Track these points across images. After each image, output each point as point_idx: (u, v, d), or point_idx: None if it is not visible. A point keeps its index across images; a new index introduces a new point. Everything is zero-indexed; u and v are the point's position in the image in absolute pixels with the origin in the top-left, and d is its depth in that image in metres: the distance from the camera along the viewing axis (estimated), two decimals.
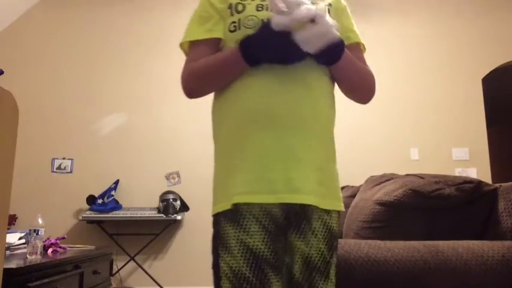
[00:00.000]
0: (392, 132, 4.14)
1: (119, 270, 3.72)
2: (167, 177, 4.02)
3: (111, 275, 3.22)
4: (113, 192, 3.82)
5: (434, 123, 4.19)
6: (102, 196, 3.77)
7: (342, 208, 1.08)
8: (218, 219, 1.02)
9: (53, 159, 3.98)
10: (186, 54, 1.18)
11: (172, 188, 3.94)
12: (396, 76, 4.22)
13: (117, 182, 3.91)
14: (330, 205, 1.04)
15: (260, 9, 1.07)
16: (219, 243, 1.01)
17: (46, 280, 1.94)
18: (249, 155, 0.99)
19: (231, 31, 1.08)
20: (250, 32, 1.03)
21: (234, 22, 1.07)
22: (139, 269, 3.74)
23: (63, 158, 3.99)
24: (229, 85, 1.06)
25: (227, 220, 0.99)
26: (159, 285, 3.66)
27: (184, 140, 4.08)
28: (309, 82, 1.04)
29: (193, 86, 1.12)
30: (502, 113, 5.70)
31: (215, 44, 1.12)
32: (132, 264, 3.74)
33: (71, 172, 3.98)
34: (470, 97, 4.24)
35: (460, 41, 4.35)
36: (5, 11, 4.04)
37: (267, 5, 1.08)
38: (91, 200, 3.74)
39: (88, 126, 4.07)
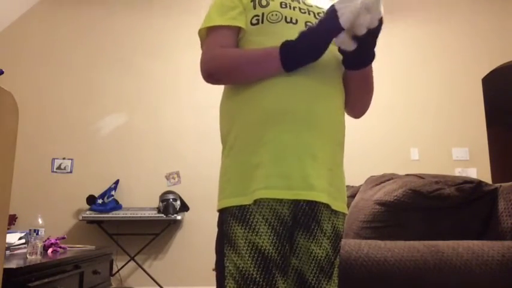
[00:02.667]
0: (392, 132, 4.14)
1: (119, 270, 3.72)
2: (167, 177, 4.02)
3: (111, 275, 3.22)
4: (113, 192, 3.82)
5: (434, 123, 4.18)
6: (102, 196, 3.77)
7: (347, 211, 1.10)
8: (225, 217, 1.01)
9: (53, 159, 3.98)
10: (203, 41, 1.15)
11: (172, 188, 3.94)
12: (396, 76, 4.22)
13: (117, 182, 3.91)
14: (340, 207, 1.06)
15: (284, 6, 1.08)
16: (225, 242, 0.99)
17: (46, 280, 1.94)
18: (267, 151, 0.99)
19: (253, 24, 1.08)
20: (273, 27, 1.05)
21: (257, 15, 1.08)
22: (139, 269, 3.74)
23: (63, 158, 3.99)
24: (248, 84, 1.06)
25: (235, 219, 0.98)
26: (159, 285, 3.66)
27: (184, 140, 4.08)
28: (329, 90, 1.06)
29: (219, 71, 1.08)
30: (502, 113, 5.70)
31: (237, 33, 1.11)
32: (132, 264, 3.74)
33: (71, 172, 3.98)
34: (470, 97, 4.24)
35: (460, 41, 4.35)
36: (5, 11, 4.04)
37: (289, 2, 1.09)
38: (91, 200, 3.74)
39: (88, 126, 4.07)
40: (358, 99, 1.16)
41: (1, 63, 3.76)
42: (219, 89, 1.19)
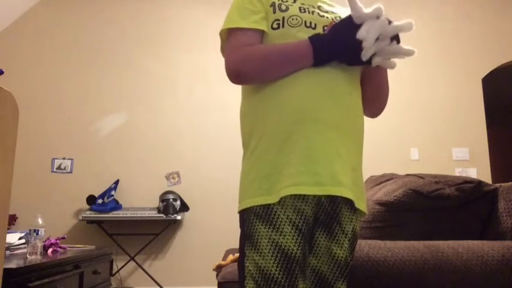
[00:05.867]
0: (392, 132, 4.14)
1: (119, 270, 3.72)
2: (167, 177, 4.02)
3: (111, 275, 3.22)
4: (113, 192, 3.82)
5: (434, 123, 4.18)
6: (102, 196, 3.77)
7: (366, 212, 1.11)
8: (247, 216, 1.00)
9: (53, 159, 3.99)
10: (224, 42, 1.15)
11: (172, 188, 3.94)
12: (396, 76, 4.21)
13: (117, 182, 3.91)
14: (363, 207, 1.06)
15: (303, 11, 1.10)
16: (246, 241, 0.99)
17: (46, 280, 1.93)
18: (295, 149, 0.99)
19: (274, 28, 1.09)
20: (293, 31, 1.06)
21: (278, 20, 1.08)
22: (139, 269, 3.74)
23: (63, 158, 3.99)
24: (271, 83, 1.05)
25: (258, 218, 0.97)
26: (159, 285, 3.66)
27: (184, 140, 4.08)
28: (349, 88, 1.07)
29: (250, 70, 1.06)
30: (502, 113, 5.70)
31: (261, 35, 1.10)
32: (132, 264, 3.75)
33: (71, 172, 3.98)
34: (470, 97, 4.24)
35: (460, 41, 4.35)
36: (5, 11, 4.04)
37: (307, 7, 1.11)
38: (91, 200, 3.74)
39: (88, 126, 4.07)
40: (379, 97, 1.18)
41: (1, 63, 3.76)
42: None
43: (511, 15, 4.40)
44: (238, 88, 1.19)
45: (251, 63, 1.06)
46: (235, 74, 1.07)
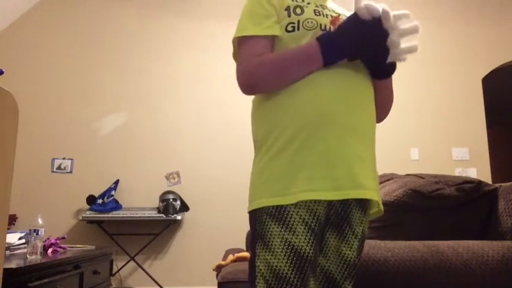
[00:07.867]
0: (392, 132, 4.14)
1: (119, 270, 3.72)
2: (167, 177, 4.02)
3: (111, 275, 3.22)
4: (113, 192, 3.82)
5: (434, 123, 4.18)
6: (102, 196, 3.77)
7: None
8: (259, 216, 1.00)
9: (53, 159, 3.98)
10: (236, 49, 1.14)
11: (172, 188, 3.94)
12: (396, 76, 4.21)
13: (117, 182, 3.91)
14: (382, 207, 1.09)
15: (318, 14, 1.10)
16: (257, 241, 0.99)
17: (46, 280, 1.94)
18: (313, 152, 0.99)
19: (288, 31, 1.08)
20: (308, 34, 1.06)
21: (293, 23, 1.08)
22: (139, 269, 3.74)
23: (63, 158, 3.99)
24: (288, 86, 1.05)
25: (271, 218, 0.97)
26: (159, 285, 3.66)
27: (184, 140, 4.08)
28: (365, 90, 1.09)
29: (261, 81, 1.06)
30: (502, 113, 5.70)
31: (273, 41, 1.10)
32: (132, 264, 3.75)
33: (71, 172, 3.98)
34: (470, 97, 4.24)
35: (460, 41, 4.35)
36: (5, 11, 4.04)
37: (322, 10, 1.11)
38: (91, 200, 3.74)
39: (88, 126, 4.07)
40: (386, 105, 1.22)
41: (1, 63, 3.76)
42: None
43: (511, 15, 4.40)
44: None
45: (261, 73, 1.05)
46: (247, 86, 1.07)
